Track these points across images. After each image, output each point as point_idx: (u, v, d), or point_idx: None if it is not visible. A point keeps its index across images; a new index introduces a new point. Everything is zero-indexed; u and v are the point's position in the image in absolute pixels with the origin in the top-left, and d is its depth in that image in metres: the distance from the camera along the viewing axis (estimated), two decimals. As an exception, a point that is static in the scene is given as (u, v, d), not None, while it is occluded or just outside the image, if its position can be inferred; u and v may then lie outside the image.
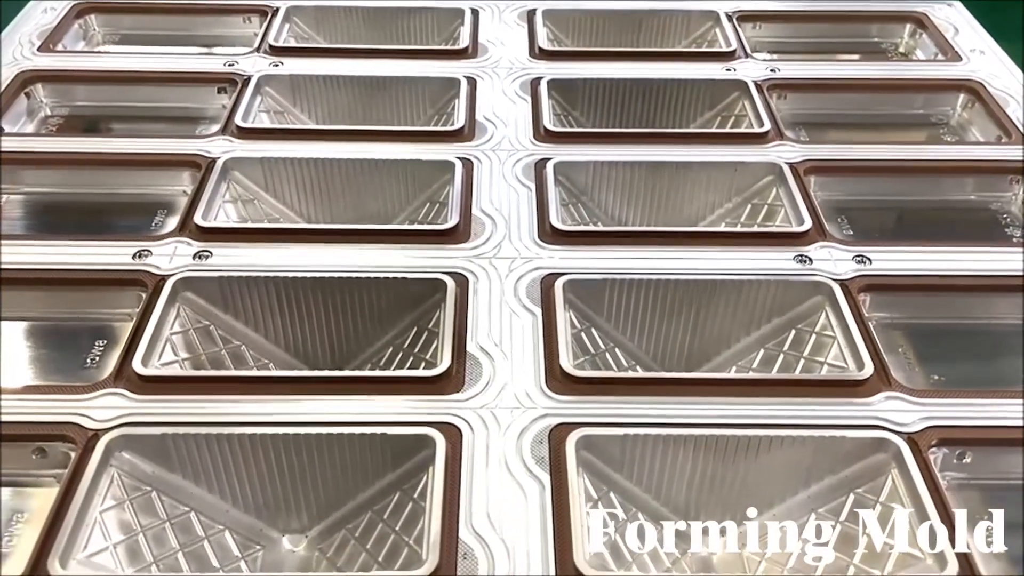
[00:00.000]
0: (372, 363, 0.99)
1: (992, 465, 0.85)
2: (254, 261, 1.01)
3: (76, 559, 0.73)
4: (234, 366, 0.97)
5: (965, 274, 1.02)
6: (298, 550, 0.86)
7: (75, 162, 1.18)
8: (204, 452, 0.82)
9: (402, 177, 1.16)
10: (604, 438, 0.83)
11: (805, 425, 0.84)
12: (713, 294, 1.00)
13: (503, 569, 0.72)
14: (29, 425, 0.83)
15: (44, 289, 1.00)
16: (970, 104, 1.33)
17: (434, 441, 0.81)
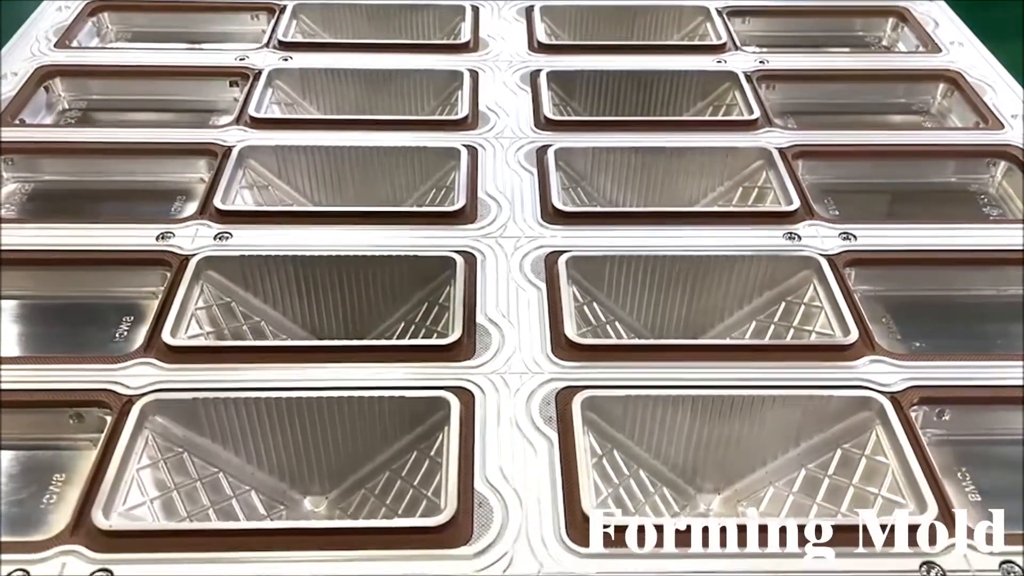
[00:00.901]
0: (386, 336, 1.04)
1: (969, 422, 0.91)
2: (272, 241, 1.06)
3: (117, 512, 0.78)
4: (254, 340, 1.02)
5: (945, 249, 1.08)
6: (319, 511, 0.91)
7: (96, 151, 1.23)
8: (231, 416, 0.88)
9: (410, 163, 1.21)
10: (607, 399, 0.88)
11: (795, 386, 0.90)
12: (707, 269, 1.06)
13: (516, 516, 0.77)
14: (66, 392, 0.88)
15: (72, 269, 1.05)
16: (949, 93, 1.39)
17: (448, 403, 0.87)
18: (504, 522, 0.77)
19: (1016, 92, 1.35)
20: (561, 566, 0.74)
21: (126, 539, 0.75)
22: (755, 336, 1.05)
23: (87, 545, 0.74)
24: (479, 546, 0.75)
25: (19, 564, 0.73)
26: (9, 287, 1.05)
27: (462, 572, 0.73)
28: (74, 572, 0.73)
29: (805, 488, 0.89)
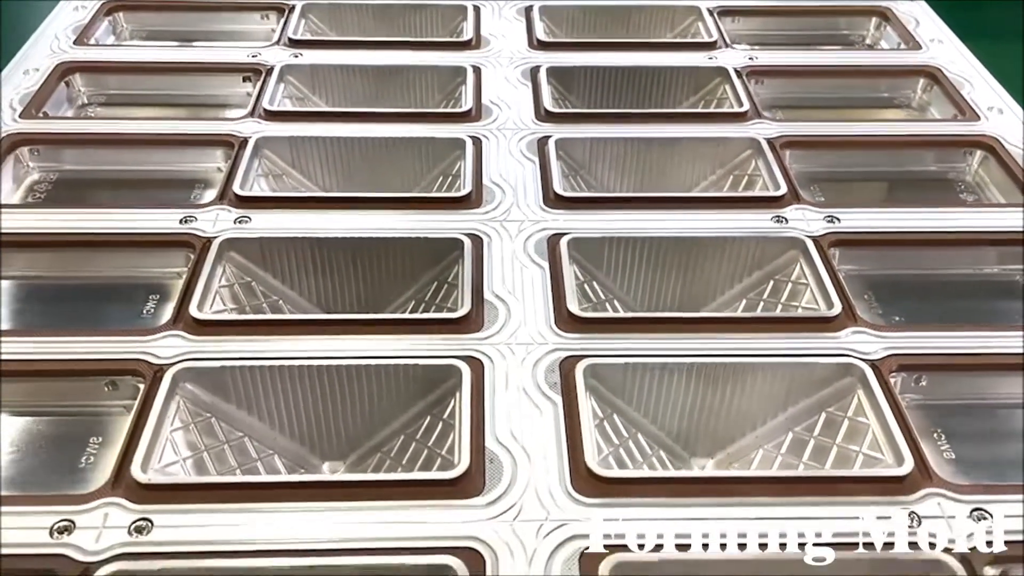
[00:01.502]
0: (399, 313, 1.10)
1: (944, 388, 0.97)
2: (289, 224, 1.12)
3: (153, 469, 0.83)
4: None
5: (924, 231, 1.15)
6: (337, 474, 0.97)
7: (117, 142, 1.29)
8: (255, 383, 0.94)
9: (417, 153, 1.27)
10: (608, 367, 0.95)
11: (783, 355, 0.97)
12: (700, 250, 1.12)
13: (524, 470, 0.84)
14: (101, 362, 0.94)
15: (100, 251, 1.11)
16: (929, 87, 1.47)
17: (460, 371, 0.93)
18: (513, 475, 0.83)
19: (992, 86, 1.42)
20: (566, 514, 0.80)
21: (163, 491, 0.81)
22: (746, 312, 1.11)
23: (127, 497, 0.80)
24: (491, 496, 0.81)
25: (65, 515, 0.79)
26: (39, 268, 1.11)
27: (476, 519, 0.79)
28: (116, 522, 0.78)
29: (793, 449, 0.96)
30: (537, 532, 0.79)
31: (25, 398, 0.94)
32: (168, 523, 0.78)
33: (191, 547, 0.77)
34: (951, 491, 0.83)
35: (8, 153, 1.25)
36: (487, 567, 0.76)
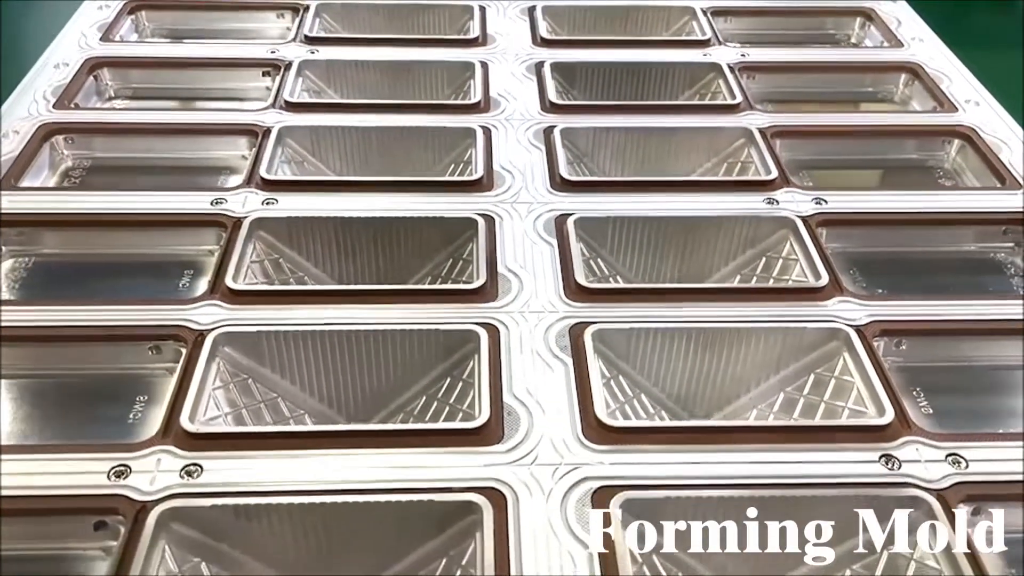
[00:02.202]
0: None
1: (923, 351, 1.06)
2: (312, 205, 1.20)
3: (199, 421, 0.91)
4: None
5: (905, 211, 1.24)
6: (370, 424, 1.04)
7: (146, 131, 1.36)
8: (288, 348, 1.01)
9: (430, 141, 1.35)
10: (614, 332, 1.02)
11: (775, 322, 1.05)
12: (697, 229, 1.20)
13: (540, 421, 0.91)
14: (145, 328, 1.02)
15: (137, 230, 1.18)
16: (910, 82, 1.56)
17: (478, 335, 1.01)
18: (530, 426, 0.91)
19: (969, 81, 1.52)
20: (579, 459, 0.88)
21: (210, 440, 0.88)
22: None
23: (177, 445, 0.87)
24: (510, 444, 0.89)
25: (120, 461, 0.86)
26: (80, 246, 1.18)
27: (497, 463, 0.87)
28: (168, 467, 0.86)
29: (784, 407, 1.04)
30: (553, 474, 0.86)
31: (75, 362, 1.02)
32: (216, 467, 0.86)
33: (239, 487, 0.84)
34: (928, 438, 0.91)
35: (44, 141, 1.32)
36: (509, 504, 0.83)
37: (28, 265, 1.16)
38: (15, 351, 1.00)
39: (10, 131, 1.32)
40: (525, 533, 0.81)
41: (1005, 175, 1.29)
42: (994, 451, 0.90)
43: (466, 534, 0.83)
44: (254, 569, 0.85)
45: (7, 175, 1.23)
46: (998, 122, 1.40)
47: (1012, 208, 1.24)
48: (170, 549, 0.81)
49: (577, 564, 0.79)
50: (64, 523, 0.83)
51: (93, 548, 0.83)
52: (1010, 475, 0.88)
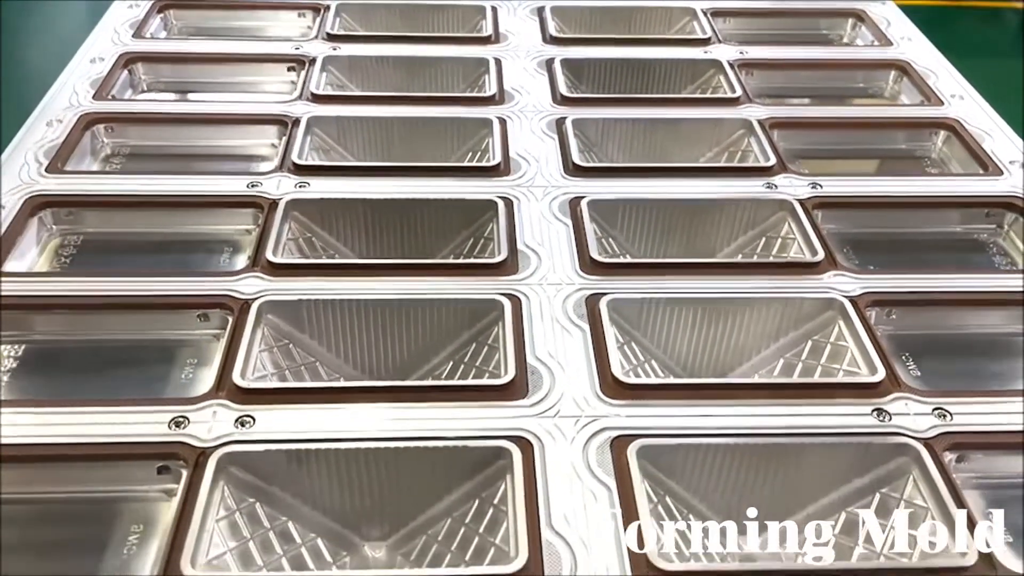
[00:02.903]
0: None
1: (911, 320, 1.14)
2: (343, 188, 1.28)
3: (247, 379, 0.99)
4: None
5: (895, 195, 1.33)
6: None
7: (182, 121, 1.45)
8: (326, 316, 1.09)
9: (449, 131, 1.44)
10: (627, 301, 1.11)
11: (775, 294, 1.13)
12: (702, 211, 1.29)
13: (562, 380, 1.00)
14: (193, 298, 1.10)
15: (179, 211, 1.26)
16: (899, 78, 1.65)
17: (502, 304, 1.09)
18: (552, 384, 0.99)
19: (955, 76, 1.61)
20: (597, 411, 0.96)
21: (261, 394, 0.96)
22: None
23: (230, 399, 0.95)
24: (534, 399, 0.97)
25: (180, 413, 0.94)
26: (124, 225, 1.26)
27: (524, 415, 0.95)
28: (223, 418, 0.94)
29: (784, 372, 1.12)
30: (575, 425, 0.95)
31: (130, 329, 1.09)
32: (267, 418, 0.94)
33: (290, 435, 0.92)
34: (916, 395, 0.99)
35: (85, 130, 1.40)
36: (535, 450, 0.92)
37: (77, 243, 1.24)
38: (77, 318, 1.08)
39: (53, 120, 1.39)
40: (551, 475, 0.89)
41: (988, 163, 1.38)
42: (976, 406, 0.99)
43: (497, 477, 0.91)
44: (301, 511, 0.93)
45: (53, 161, 1.31)
46: (981, 115, 1.50)
47: (994, 192, 1.33)
48: (228, 489, 0.89)
49: (599, 501, 0.87)
50: (130, 468, 0.91)
51: (155, 490, 0.92)
52: (990, 426, 0.97)
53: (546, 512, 0.86)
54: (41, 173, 1.28)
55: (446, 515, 0.93)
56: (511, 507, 0.88)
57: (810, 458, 0.95)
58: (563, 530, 0.85)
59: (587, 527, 0.85)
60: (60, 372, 1.06)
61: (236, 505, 0.89)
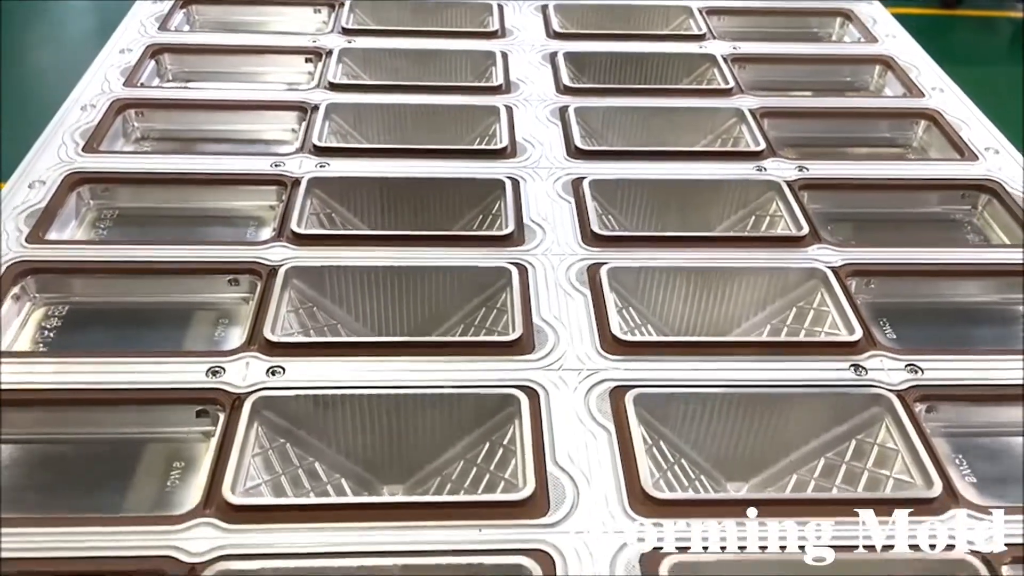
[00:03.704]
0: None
1: (888, 289, 1.23)
2: (360, 169, 1.37)
3: (275, 334, 1.07)
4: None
5: (878, 177, 1.42)
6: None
7: (207, 107, 1.54)
8: (346, 282, 1.18)
9: (459, 118, 1.53)
10: (625, 270, 1.20)
11: (763, 265, 1.22)
12: (696, 191, 1.38)
13: (565, 338, 1.08)
14: (224, 264, 1.18)
15: (208, 187, 1.35)
16: (884, 73, 1.74)
17: (509, 271, 1.18)
18: (556, 341, 1.08)
19: (936, 72, 1.70)
20: (597, 365, 1.05)
21: (289, 347, 1.05)
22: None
23: (261, 352, 1.04)
24: (540, 354, 1.06)
25: (215, 363, 1.03)
26: (159, 201, 1.35)
27: (530, 368, 1.04)
28: (256, 368, 1.02)
29: (770, 335, 1.21)
30: (577, 376, 1.04)
31: (165, 290, 1.18)
32: (295, 369, 1.03)
33: (317, 383, 1.01)
34: (890, 353, 1.08)
35: (117, 115, 1.49)
36: (541, 398, 1.00)
37: (113, 216, 1.33)
38: (116, 282, 1.17)
39: (88, 105, 1.49)
40: (556, 419, 0.98)
41: (964, 149, 1.47)
42: (945, 363, 1.08)
43: (506, 422, 1.00)
44: (326, 453, 1.01)
45: (88, 142, 1.40)
46: (960, 106, 1.59)
47: (970, 176, 1.42)
48: (261, 430, 0.98)
49: (599, 441, 0.96)
50: (172, 411, 1.00)
51: (195, 432, 1.00)
52: (958, 381, 1.06)
53: (551, 451, 0.95)
54: (78, 152, 1.37)
55: (460, 457, 1.02)
56: (519, 447, 0.96)
57: (793, 408, 1.04)
58: (567, 466, 0.93)
59: (588, 463, 0.94)
60: (102, 330, 1.15)
61: (269, 444, 0.98)
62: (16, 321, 1.13)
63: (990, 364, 1.09)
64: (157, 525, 0.86)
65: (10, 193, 1.27)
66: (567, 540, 0.86)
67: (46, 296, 1.17)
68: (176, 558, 0.83)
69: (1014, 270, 1.25)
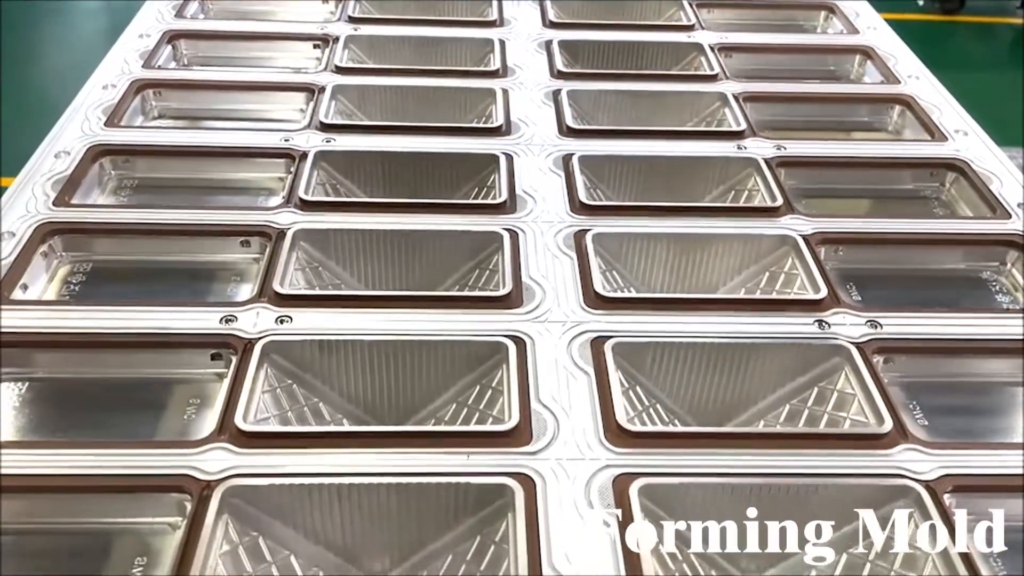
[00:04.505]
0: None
1: (857, 256, 1.32)
2: (363, 144, 1.46)
3: (284, 286, 1.16)
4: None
5: (850, 156, 1.51)
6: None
7: (221, 87, 1.63)
8: (350, 245, 1.27)
9: (458, 99, 1.62)
10: (608, 236, 1.28)
11: (739, 231, 1.31)
12: (680, 167, 1.47)
13: (551, 294, 1.17)
14: (236, 226, 1.28)
15: (221, 159, 1.45)
16: (864, 62, 1.83)
17: (501, 236, 1.26)
18: (543, 297, 1.17)
19: (913, 61, 1.79)
20: (580, 318, 1.14)
21: (296, 299, 1.14)
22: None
23: (270, 303, 1.13)
24: (528, 307, 1.15)
25: (228, 313, 1.12)
26: (176, 171, 1.45)
27: (518, 320, 1.13)
28: (266, 316, 1.11)
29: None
30: (561, 327, 1.12)
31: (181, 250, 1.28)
32: (302, 318, 1.12)
33: (322, 332, 1.10)
34: (853, 310, 1.17)
35: (136, 94, 1.59)
36: (527, 346, 1.09)
37: (133, 185, 1.42)
38: (136, 242, 1.27)
39: (109, 84, 1.58)
40: (540, 363, 1.07)
41: (935, 131, 1.56)
42: (903, 319, 1.16)
43: (495, 367, 1.09)
44: (330, 396, 1.10)
45: (110, 118, 1.49)
46: (933, 91, 1.68)
47: (938, 155, 1.51)
48: (271, 371, 1.07)
49: (580, 386, 1.05)
50: (189, 355, 1.09)
51: (209, 373, 1.09)
52: (914, 335, 1.14)
53: (535, 391, 1.03)
54: (101, 128, 1.46)
55: (452, 400, 1.11)
56: (506, 388, 1.05)
57: (761, 359, 1.12)
58: (549, 403, 1.02)
59: (569, 401, 1.02)
60: (124, 285, 1.24)
61: (277, 384, 1.07)
62: (44, 276, 1.23)
63: (946, 321, 1.17)
64: (176, 448, 0.96)
65: (38, 161, 1.37)
66: (547, 465, 0.95)
67: (72, 254, 1.26)
68: (193, 476, 0.92)
69: (976, 240, 1.34)
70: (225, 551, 0.88)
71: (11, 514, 0.90)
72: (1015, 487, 0.96)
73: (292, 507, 0.92)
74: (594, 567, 0.85)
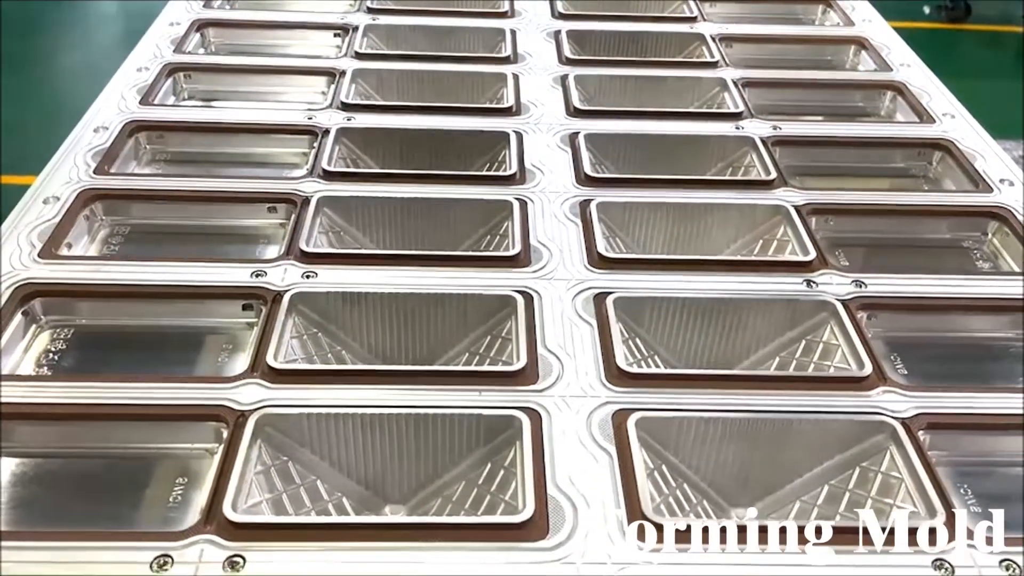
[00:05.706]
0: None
1: (847, 225, 1.40)
2: (382, 122, 1.55)
3: (309, 246, 1.25)
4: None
5: (843, 136, 1.60)
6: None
7: (248, 71, 1.73)
8: (369, 213, 1.36)
9: (471, 83, 1.71)
10: (612, 204, 1.37)
11: (735, 201, 1.39)
12: (681, 146, 1.55)
13: (557, 255, 1.25)
14: (265, 193, 1.37)
15: (248, 135, 1.54)
16: (858, 51, 1.91)
17: (511, 204, 1.35)
18: (550, 257, 1.25)
19: (904, 51, 1.87)
20: (583, 277, 1.22)
21: (320, 256, 1.23)
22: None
23: (297, 261, 1.22)
24: (535, 267, 1.23)
25: (259, 268, 1.21)
26: (206, 146, 1.54)
27: (526, 278, 1.21)
28: (292, 272, 1.20)
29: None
30: (566, 285, 1.21)
31: (212, 215, 1.37)
32: (326, 272, 1.20)
33: (344, 286, 1.18)
34: (840, 272, 1.25)
35: (168, 76, 1.68)
36: (535, 300, 1.18)
37: (166, 158, 1.53)
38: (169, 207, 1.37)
39: (143, 67, 1.68)
40: (547, 316, 1.15)
41: (923, 113, 1.64)
42: (887, 280, 1.24)
43: (505, 320, 1.17)
44: (352, 346, 1.19)
45: (144, 97, 1.59)
46: (924, 78, 1.76)
47: (926, 136, 1.59)
48: (297, 320, 1.15)
49: (583, 334, 1.13)
50: (222, 305, 1.18)
51: (240, 323, 1.18)
52: (896, 295, 1.22)
53: (542, 339, 1.12)
54: (136, 105, 1.56)
55: (465, 350, 1.19)
56: (515, 337, 1.14)
57: (753, 314, 1.21)
58: (555, 349, 1.10)
59: (573, 348, 1.11)
60: (159, 247, 1.33)
61: (304, 332, 1.16)
62: (85, 238, 1.32)
63: (928, 282, 1.25)
64: (214, 383, 1.05)
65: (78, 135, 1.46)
66: (552, 401, 1.03)
67: (112, 218, 1.36)
68: (229, 407, 1.00)
69: (959, 211, 1.42)
70: (259, 470, 0.96)
71: (66, 439, 1.00)
72: (984, 425, 1.04)
73: (319, 436, 1.01)
74: (595, 489, 0.94)
